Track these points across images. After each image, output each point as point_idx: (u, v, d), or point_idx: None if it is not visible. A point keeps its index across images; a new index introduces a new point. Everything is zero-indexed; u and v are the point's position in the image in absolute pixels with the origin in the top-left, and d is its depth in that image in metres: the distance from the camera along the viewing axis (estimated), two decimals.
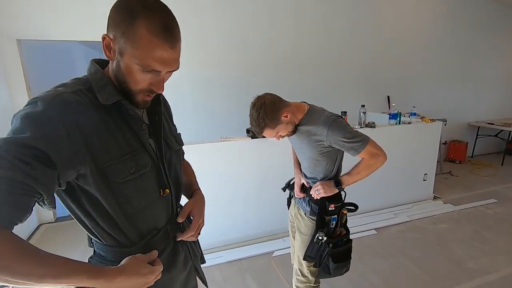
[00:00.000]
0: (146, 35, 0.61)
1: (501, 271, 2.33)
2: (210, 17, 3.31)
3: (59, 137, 0.59)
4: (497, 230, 2.94)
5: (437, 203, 3.55)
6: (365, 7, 4.04)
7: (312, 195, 1.43)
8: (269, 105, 1.31)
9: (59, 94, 0.63)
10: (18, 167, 0.54)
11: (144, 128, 0.76)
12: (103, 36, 0.65)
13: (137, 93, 0.70)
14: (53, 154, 0.58)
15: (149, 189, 0.77)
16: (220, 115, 3.59)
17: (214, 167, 2.60)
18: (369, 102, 4.16)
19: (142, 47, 0.62)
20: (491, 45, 5.15)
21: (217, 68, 3.45)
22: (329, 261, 1.43)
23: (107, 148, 0.67)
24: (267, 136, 1.40)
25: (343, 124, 1.31)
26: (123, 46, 0.63)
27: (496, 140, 5.42)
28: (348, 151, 1.33)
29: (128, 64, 0.65)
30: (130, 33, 0.62)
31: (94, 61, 0.74)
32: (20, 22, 2.73)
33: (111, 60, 0.69)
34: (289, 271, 2.32)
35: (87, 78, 0.71)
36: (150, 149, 0.77)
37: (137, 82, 0.68)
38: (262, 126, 1.32)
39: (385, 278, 2.28)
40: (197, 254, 1.02)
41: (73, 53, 4.41)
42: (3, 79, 2.74)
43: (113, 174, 0.68)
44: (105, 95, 0.68)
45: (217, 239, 2.71)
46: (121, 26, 0.62)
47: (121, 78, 0.68)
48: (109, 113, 0.69)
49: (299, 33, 3.75)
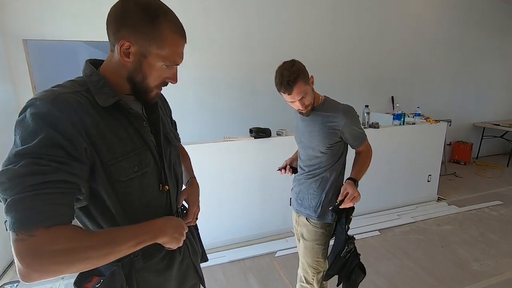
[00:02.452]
0: (170, 35, 0.68)
1: (506, 274, 2.31)
2: (216, 18, 3.32)
3: (73, 135, 0.61)
4: (502, 232, 2.91)
5: (442, 205, 3.53)
6: (371, 8, 4.03)
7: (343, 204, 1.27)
8: (302, 64, 1.30)
9: (59, 94, 0.63)
10: (58, 168, 0.57)
11: (145, 125, 0.77)
12: (122, 42, 0.66)
13: (153, 89, 0.75)
14: (75, 151, 0.60)
15: (150, 187, 0.78)
16: (224, 115, 3.60)
17: (218, 166, 2.60)
18: (373, 103, 4.16)
19: (169, 46, 0.69)
20: (497, 45, 5.10)
21: (222, 68, 3.45)
22: (359, 273, 1.37)
23: (111, 147, 0.68)
24: (295, 93, 1.26)
25: (357, 116, 1.40)
26: (147, 48, 0.68)
27: (502, 141, 5.37)
28: (353, 141, 1.39)
29: (152, 63, 0.70)
30: (156, 36, 0.67)
31: (89, 62, 0.74)
32: (26, 23, 2.76)
33: (126, 64, 0.69)
34: (292, 272, 2.32)
35: (83, 80, 0.71)
36: (152, 146, 0.78)
37: (157, 78, 0.73)
38: (296, 76, 1.23)
39: (389, 280, 2.26)
40: (196, 251, 1.01)
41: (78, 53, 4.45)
42: (9, 78, 2.77)
43: (116, 172, 0.69)
44: (103, 96, 0.69)
45: (220, 238, 2.71)
46: (144, 31, 0.66)
47: (141, 78, 0.71)
48: (109, 113, 0.70)
49: (304, 34, 3.74)
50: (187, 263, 0.93)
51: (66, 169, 0.58)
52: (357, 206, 1.45)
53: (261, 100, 3.69)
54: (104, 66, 0.74)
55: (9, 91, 2.77)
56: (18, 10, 2.72)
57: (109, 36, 0.69)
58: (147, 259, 0.80)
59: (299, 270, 1.59)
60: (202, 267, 1.05)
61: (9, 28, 2.72)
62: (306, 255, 1.48)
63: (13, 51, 2.77)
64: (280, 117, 3.57)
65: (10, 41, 2.74)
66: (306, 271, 1.51)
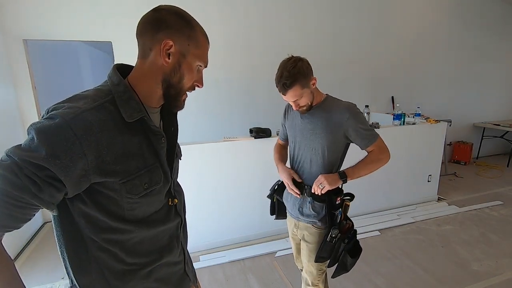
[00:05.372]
0: (202, 37, 0.74)
1: (506, 274, 2.31)
2: (216, 19, 3.32)
3: (73, 160, 0.59)
4: (502, 232, 2.91)
5: (442, 205, 3.52)
6: (371, 8, 4.03)
7: (315, 191, 1.33)
8: (306, 63, 1.27)
9: (80, 113, 0.61)
10: (26, 186, 0.57)
11: (163, 142, 0.76)
12: (165, 42, 0.68)
13: (184, 92, 0.77)
14: (64, 178, 0.59)
15: (156, 202, 0.77)
16: (224, 115, 3.60)
17: (218, 166, 2.60)
18: (373, 103, 4.16)
19: (203, 47, 0.75)
20: (497, 45, 5.10)
21: (222, 69, 3.45)
22: (347, 257, 1.38)
23: (126, 165, 0.67)
24: (289, 95, 1.28)
25: (362, 113, 1.35)
26: (186, 48, 0.71)
27: (502, 141, 5.37)
28: (361, 141, 1.33)
29: (190, 62, 0.73)
30: (194, 37, 0.72)
31: (116, 68, 0.72)
32: (26, 23, 2.76)
33: (166, 65, 0.70)
34: (292, 272, 2.32)
35: (109, 88, 0.70)
36: (164, 162, 0.76)
37: (190, 80, 0.75)
38: (294, 79, 1.23)
39: (389, 280, 2.26)
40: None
41: (78, 53, 4.46)
42: (9, 78, 2.77)
43: (129, 189, 0.68)
44: (129, 111, 0.68)
45: (220, 238, 2.71)
46: (185, 31, 0.70)
47: (177, 79, 0.73)
48: (130, 128, 0.69)
49: (305, 34, 3.75)
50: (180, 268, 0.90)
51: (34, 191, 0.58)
52: (357, 206, 1.45)
53: (261, 100, 3.69)
54: (133, 75, 0.73)
55: (9, 91, 2.77)
56: (18, 10, 2.72)
57: (144, 42, 0.70)
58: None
59: (304, 273, 1.56)
60: (202, 267, 1.04)
61: (9, 28, 2.73)
62: (311, 257, 1.44)
63: (13, 51, 2.77)
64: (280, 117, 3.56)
65: (10, 41, 2.75)
66: (312, 273, 1.48)
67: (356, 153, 1.46)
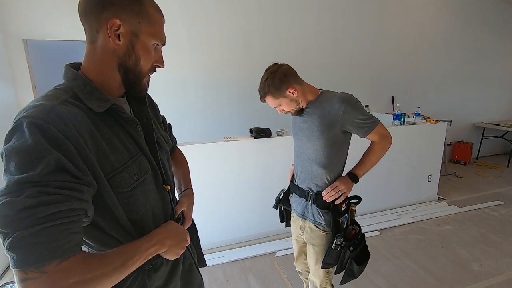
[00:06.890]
0: (155, 12, 0.68)
1: (506, 274, 2.30)
2: (215, 19, 3.31)
3: (74, 154, 0.56)
4: (502, 232, 2.91)
5: (442, 205, 3.52)
6: (371, 8, 4.02)
7: (327, 198, 1.28)
8: (279, 74, 1.27)
9: (51, 108, 0.56)
10: (68, 195, 0.53)
11: (139, 130, 0.73)
12: (112, 22, 0.61)
13: (145, 75, 0.71)
14: (79, 172, 0.56)
15: (152, 191, 0.75)
16: (224, 115, 3.60)
17: (218, 166, 2.60)
18: (373, 103, 4.15)
19: (156, 22, 0.68)
20: (497, 45, 5.10)
21: (222, 68, 3.45)
22: (353, 265, 1.35)
23: (108, 158, 0.63)
24: (269, 104, 1.36)
25: (358, 101, 1.27)
26: (138, 26, 0.65)
27: (502, 141, 5.37)
28: (360, 130, 1.27)
29: (145, 41, 0.67)
30: (145, 12, 0.65)
31: (69, 66, 0.68)
32: (26, 22, 2.76)
33: (117, 48, 0.64)
34: (292, 272, 2.32)
35: (67, 86, 0.65)
36: (146, 151, 0.74)
37: (149, 61, 0.70)
38: (265, 91, 1.30)
39: (389, 280, 2.26)
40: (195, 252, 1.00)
41: (78, 53, 4.45)
42: (9, 78, 2.77)
43: (118, 184, 0.65)
44: (96, 101, 0.64)
45: (220, 238, 2.71)
46: (133, 8, 0.64)
47: (134, 61, 0.67)
48: (103, 120, 0.65)
49: (304, 34, 3.74)
50: (189, 263, 0.93)
51: (76, 195, 0.54)
52: (358, 206, 1.44)
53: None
54: (85, 65, 0.67)
55: (9, 91, 2.77)
56: (18, 10, 2.72)
57: (90, 23, 0.64)
58: (156, 270, 0.79)
59: (311, 276, 1.53)
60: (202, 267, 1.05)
61: (9, 28, 2.72)
62: (318, 261, 1.42)
63: (13, 51, 2.77)
64: (280, 117, 3.53)
65: (10, 41, 2.74)
66: (319, 275, 1.46)
67: (356, 146, 1.45)
